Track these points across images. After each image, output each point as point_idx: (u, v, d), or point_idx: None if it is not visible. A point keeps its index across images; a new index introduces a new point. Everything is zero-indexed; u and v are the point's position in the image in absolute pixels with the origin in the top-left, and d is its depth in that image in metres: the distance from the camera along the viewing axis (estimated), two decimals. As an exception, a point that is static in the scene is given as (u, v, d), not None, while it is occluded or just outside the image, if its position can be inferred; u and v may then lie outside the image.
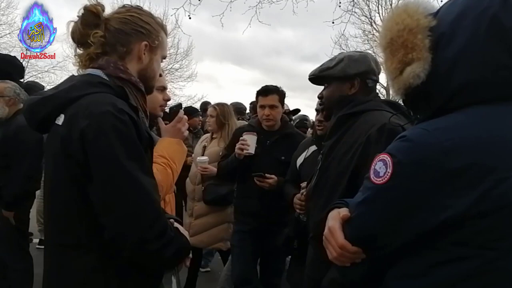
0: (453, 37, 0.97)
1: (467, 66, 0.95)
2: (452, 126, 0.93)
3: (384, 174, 0.94)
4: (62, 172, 1.19)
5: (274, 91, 2.97)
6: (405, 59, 1.01)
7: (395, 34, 1.02)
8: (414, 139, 0.93)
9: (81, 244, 1.19)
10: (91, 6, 1.30)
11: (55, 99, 1.23)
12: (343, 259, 1.04)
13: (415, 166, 0.90)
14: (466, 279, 0.90)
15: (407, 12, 1.02)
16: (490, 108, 0.94)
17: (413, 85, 1.01)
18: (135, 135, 1.17)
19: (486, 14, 0.93)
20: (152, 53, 1.38)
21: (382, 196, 0.96)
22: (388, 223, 0.95)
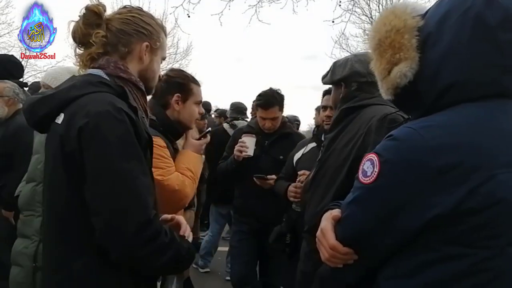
0: (440, 37, 0.98)
1: (453, 65, 0.96)
2: (439, 124, 0.93)
3: (372, 174, 0.94)
4: (61, 171, 1.19)
5: (275, 103, 2.94)
6: (393, 59, 1.02)
7: (383, 35, 1.03)
8: (400, 138, 0.94)
9: (78, 244, 1.19)
10: (92, 6, 1.30)
11: (55, 98, 1.24)
12: (335, 260, 1.04)
13: (402, 165, 0.91)
14: (458, 279, 0.90)
15: (394, 13, 1.03)
16: (479, 106, 0.94)
17: (400, 85, 1.02)
18: (133, 135, 1.17)
19: (469, 13, 0.94)
20: (153, 54, 1.38)
21: (370, 196, 0.96)
22: (377, 222, 0.95)
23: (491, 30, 0.92)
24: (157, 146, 1.78)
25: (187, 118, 1.99)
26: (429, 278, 0.92)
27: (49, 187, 1.27)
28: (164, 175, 1.77)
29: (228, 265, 4.39)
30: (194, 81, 2.02)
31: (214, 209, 4.71)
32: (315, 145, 2.59)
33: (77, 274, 1.18)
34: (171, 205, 1.76)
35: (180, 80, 1.98)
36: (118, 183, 1.13)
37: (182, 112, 1.96)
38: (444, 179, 0.87)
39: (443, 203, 0.87)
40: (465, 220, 0.87)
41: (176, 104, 1.96)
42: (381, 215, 0.94)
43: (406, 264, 0.96)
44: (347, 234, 1.01)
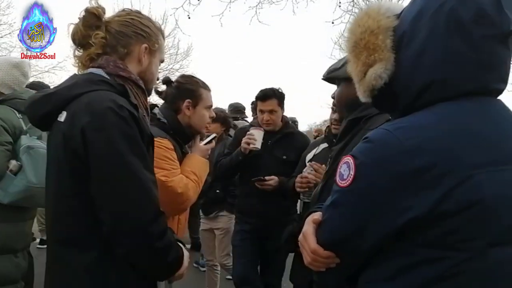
0: (414, 35, 0.97)
1: (429, 64, 0.94)
2: (414, 125, 0.92)
3: (348, 177, 0.93)
4: (64, 169, 1.21)
5: (272, 96, 2.96)
6: (368, 61, 1.01)
7: (358, 37, 1.02)
8: (375, 140, 0.92)
9: (82, 240, 1.20)
10: (92, 8, 1.32)
11: (57, 97, 1.25)
12: (317, 264, 1.03)
13: (376, 167, 0.90)
14: (437, 282, 0.88)
15: (368, 14, 1.02)
16: (456, 104, 0.92)
17: (376, 86, 1.00)
18: (137, 131, 1.19)
19: (443, 9, 0.93)
20: (152, 56, 1.40)
21: (347, 199, 0.95)
22: (354, 225, 0.94)
23: (466, 25, 0.91)
24: (164, 148, 1.81)
25: (197, 123, 2.04)
26: (409, 282, 0.90)
27: (52, 185, 1.29)
28: (168, 176, 1.79)
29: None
30: (204, 87, 2.08)
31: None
32: (326, 145, 2.58)
33: (80, 271, 1.19)
34: (173, 206, 1.78)
35: (190, 86, 2.04)
36: (125, 178, 1.14)
37: (193, 117, 2.02)
38: (419, 181, 0.85)
39: (419, 205, 0.85)
40: (442, 222, 0.86)
41: (187, 110, 2.02)
42: (358, 218, 0.93)
43: (385, 267, 0.94)
44: (326, 238, 1.00)
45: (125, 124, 1.16)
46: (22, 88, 2.39)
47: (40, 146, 2.17)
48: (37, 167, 2.10)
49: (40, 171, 2.07)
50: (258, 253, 3.08)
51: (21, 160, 2.12)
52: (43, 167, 2.03)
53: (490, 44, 0.92)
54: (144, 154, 1.20)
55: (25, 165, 2.10)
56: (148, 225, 1.15)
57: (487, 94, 0.95)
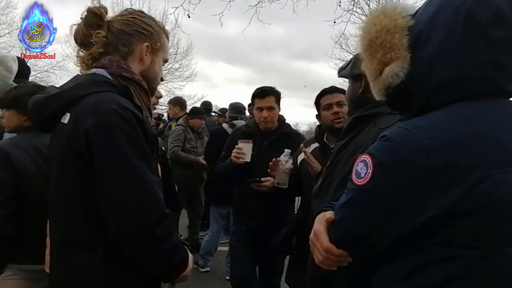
0: (431, 35, 0.97)
1: (445, 64, 0.95)
2: (433, 124, 0.92)
3: (365, 175, 0.93)
4: (67, 170, 1.20)
5: (270, 93, 2.96)
6: (384, 59, 1.01)
7: (374, 35, 1.03)
8: (394, 139, 0.92)
9: (85, 241, 1.20)
10: (94, 7, 1.32)
11: (60, 98, 1.25)
12: (329, 262, 1.03)
13: (395, 166, 0.90)
14: (453, 281, 0.88)
15: (384, 13, 1.03)
16: (472, 105, 0.93)
17: (392, 84, 1.01)
18: (140, 133, 1.18)
19: (460, 10, 0.93)
20: (154, 55, 1.40)
21: (364, 197, 0.95)
22: (371, 224, 0.94)
23: (483, 27, 0.92)
24: None
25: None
26: (424, 281, 0.91)
27: (55, 186, 1.28)
28: None
29: (228, 264, 4.40)
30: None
31: (214, 209, 4.71)
32: (317, 145, 2.57)
33: (85, 273, 1.19)
34: None
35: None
36: (130, 180, 1.14)
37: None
38: (439, 180, 0.86)
39: (438, 204, 0.86)
40: (460, 221, 0.87)
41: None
42: (375, 217, 0.93)
43: (400, 266, 0.94)
44: (341, 236, 1.00)
45: (129, 126, 1.16)
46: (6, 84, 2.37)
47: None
48: None
49: None
50: (256, 254, 3.08)
51: None
52: None
53: (506, 46, 0.93)
54: (148, 156, 1.20)
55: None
56: (153, 227, 1.15)
57: (503, 95, 0.96)
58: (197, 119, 5.21)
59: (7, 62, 2.40)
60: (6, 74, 2.41)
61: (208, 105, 6.83)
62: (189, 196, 5.18)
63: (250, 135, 3.02)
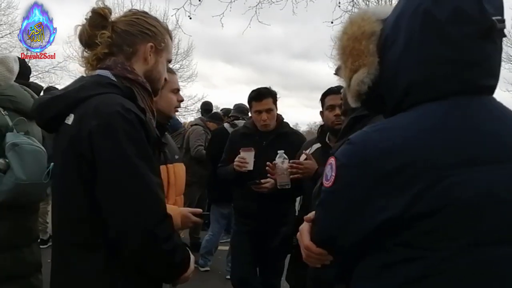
0: (396, 38, 0.97)
1: (409, 66, 0.95)
2: (393, 126, 0.93)
3: (330, 177, 0.96)
4: (71, 171, 1.21)
5: (267, 95, 2.94)
6: (353, 67, 1.02)
7: (344, 44, 1.04)
8: (355, 142, 0.95)
9: (88, 243, 1.21)
10: (98, 8, 1.33)
11: (64, 99, 1.26)
12: (312, 260, 1.06)
13: (355, 168, 0.92)
14: (417, 281, 0.87)
15: (352, 22, 1.04)
16: (437, 105, 0.92)
17: (361, 91, 1.02)
18: (143, 135, 1.19)
19: (419, 10, 0.93)
20: (158, 55, 1.40)
21: (330, 199, 0.98)
22: (336, 224, 0.97)
23: (441, 25, 0.91)
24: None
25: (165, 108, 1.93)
26: (391, 280, 0.90)
27: (58, 187, 1.29)
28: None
29: (229, 264, 4.40)
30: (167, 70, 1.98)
31: (215, 208, 4.72)
32: (319, 145, 2.58)
33: (87, 274, 1.20)
34: None
35: None
36: (132, 181, 1.15)
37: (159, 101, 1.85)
38: (393, 182, 0.86)
39: (394, 206, 0.86)
40: (418, 222, 0.86)
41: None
42: (340, 217, 0.96)
43: (370, 266, 0.95)
44: (316, 236, 1.04)
45: (132, 128, 1.17)
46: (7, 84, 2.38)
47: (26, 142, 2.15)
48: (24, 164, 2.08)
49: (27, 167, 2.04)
50: (257, 254, 3.08)
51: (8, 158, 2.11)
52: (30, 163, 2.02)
53: (472, 41, 0.90)
54: (150, 158, 1.21)
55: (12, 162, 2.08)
56: (154, 228, 1.16)
57: (476, 92, 0.93)
58: (215, 124, 5.40)
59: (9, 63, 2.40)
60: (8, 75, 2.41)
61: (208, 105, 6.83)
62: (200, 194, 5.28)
63: (249, 136, 3.03)
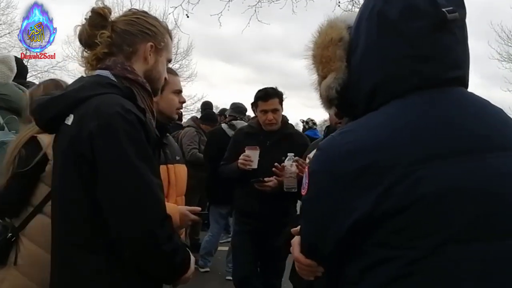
0: (357, 42, 0.99)
1: (370, 66, 0.96)
2: (357, 127, 0.94)
3: (305, 185, 0.97)
4: (71, 172, 1.21)
5: (274, 95, 2.97)
6: (322, 73, 1.04)
7: (314, 53, 1.06)
8: (322, 147, 0.96)
9: (89, 243, 1.21)
10: (98, 8, 1.33)
11: (64, 99, 1.26)
12: (304, 272, 1.06)
13: (322, 173, 0.93)
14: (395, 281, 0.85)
15: (320, 31, 1.06)
16: (401, 101, 0.92)
17: (330, 96, 1.02)
18: (143, 136, 1.19)
19: (373, 12, 0.95)
20: (158, 54, 1.40)
21: (306, 206, 0.99)
22: (315, 231, 0.96)
23: (394, 23, 0.93)
24: None
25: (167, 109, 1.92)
26: (372, 282, 0.89)
27: (58, 187, 1.29)
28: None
29: (229, 264, 4.41)
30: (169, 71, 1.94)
31: (213, 209, 4.72)
32: None
33: (87, 274, 1.20)
34: None
35: None
36: (132, 182, 1.15)
37: (160, 102, 1.84)
38: (359, 183, 0.86)
39: (361, 206, 0.85)
40: (386, 222, 0.85)
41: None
42: (316, 224, 0.96)
43: (352, 271, 0.93)
44: (303, 247, 1.03)
45: (132, 128, 1.17)
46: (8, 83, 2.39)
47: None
48: None
49: None
50: (258, 253, 3.08)
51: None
52: None
53: (426, 35, 0.91)
54: (150, 159, 1.21)
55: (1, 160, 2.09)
56: (154, 229, 1.16)
57: (442, 85, 0.93)
58: (208, 126, 5.23)
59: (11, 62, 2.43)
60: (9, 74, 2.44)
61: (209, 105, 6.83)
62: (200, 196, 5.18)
63: (253, 135, 3.03)
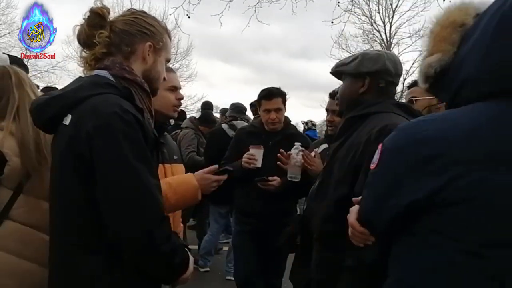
0: (472, 33, 1.02)
1: (471, 61, 0.99)
2: (436, 119, 1.01)
3: (375, 161, 1.07)
4: (69, 172, 1.21)
5: (277, 94, 2.98)
6: (431, 50, 1.11)
7: (433, 29, 1.13)
8: (400, 129, 1.05)
9: (88, 243, 1.21)
10: (96, 8, 1.33)
11: (62, 99, 1.25)
12: (356, 238, 1.19)
13: (395, 152, 1.02)
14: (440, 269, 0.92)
15: (447, 10, 1.12)
16: (483, 104, 0.95)
17: (428, 74, 1.10)
18: (141, 136, 1.19)
19: (497, 13, 0.96)
20: (156, 54, 1.40)
21: (372, 179, 1.09)
22: (373, 203, 1.08)
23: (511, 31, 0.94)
24: None
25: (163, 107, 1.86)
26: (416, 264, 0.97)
27: (56, 188, 1.29)
28: None
29: (228, 264, 4.41)
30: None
31: (213, 208, 4.72)
32: (327, 146, 2.60)
33: (86, 275, 1.20)
34: None
35: None
36: (130, 183, 1.15)
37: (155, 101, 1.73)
38: (427, 168, 0.93)
39: (422, 189, 0.93)
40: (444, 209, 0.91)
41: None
42: (376, 196, 1.06)
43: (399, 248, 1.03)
44: (360, 215, 1.15)
45: (130, 129, 1.16)
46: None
47: None
48: None
49: None
50: (258, 253, 3.08)
51: None
52: None
53: None
54: (148, 159, 1.21)
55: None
56: (153, 230, 1.16)
57: None
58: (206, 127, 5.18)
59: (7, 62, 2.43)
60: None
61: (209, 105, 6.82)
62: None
63: (255, 135, 3.04)
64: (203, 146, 4.94)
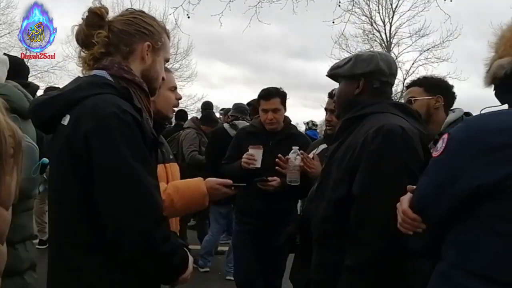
0: None
1: None
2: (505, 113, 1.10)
3: (440, 148, 1.12)
4: (67, 172, 1.20)
5: (275, 94, 2.97)
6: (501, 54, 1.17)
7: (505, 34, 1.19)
8: (470, 120, 1.15)
9: (87, 243, 1.20)
10: (95, 8, 1.32)
11: (61, 100, 1.25)
12: (406, 225, 1.21)
13: (464, 141, 1.08)
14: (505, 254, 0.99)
15: None
16: None
17: (497, 75, 1.15)
18: (139, 136, 1.19)
19: None
20: (155, 54, 1.39)
21: (434, 166, 1.15)
22: (434, 189, 1.13)
23: None
24: None
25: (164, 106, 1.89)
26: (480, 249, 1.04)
27: (55, 188, 1.29)
28: None
29: (229, 264, 4.41)
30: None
31: (214, 209, 4.71)
32: (326, 146, 2.60)
33: (84, 275, 1.20)
34: None
35: None
36: (128, 183, 1.15)
37: (157, 100, 1.77)
38: (496, 156, 1.01)
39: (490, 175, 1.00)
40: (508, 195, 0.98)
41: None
42: (440, 182, 1.12)
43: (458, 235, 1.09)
44: (414, 200, 1.20)
45: (128, 129, 1.16)
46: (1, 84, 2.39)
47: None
48: None
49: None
50: (259, 253, 3.08)
51: None
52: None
53: None
54: (147, 159, 1.20)
55: None
56: (151, 230, 1.16)
57: None
58: (208, 127, 5.20)
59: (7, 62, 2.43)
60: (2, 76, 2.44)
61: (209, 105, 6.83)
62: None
63: (255, 135, 3.04)
64: (204, 145, 4.97)
